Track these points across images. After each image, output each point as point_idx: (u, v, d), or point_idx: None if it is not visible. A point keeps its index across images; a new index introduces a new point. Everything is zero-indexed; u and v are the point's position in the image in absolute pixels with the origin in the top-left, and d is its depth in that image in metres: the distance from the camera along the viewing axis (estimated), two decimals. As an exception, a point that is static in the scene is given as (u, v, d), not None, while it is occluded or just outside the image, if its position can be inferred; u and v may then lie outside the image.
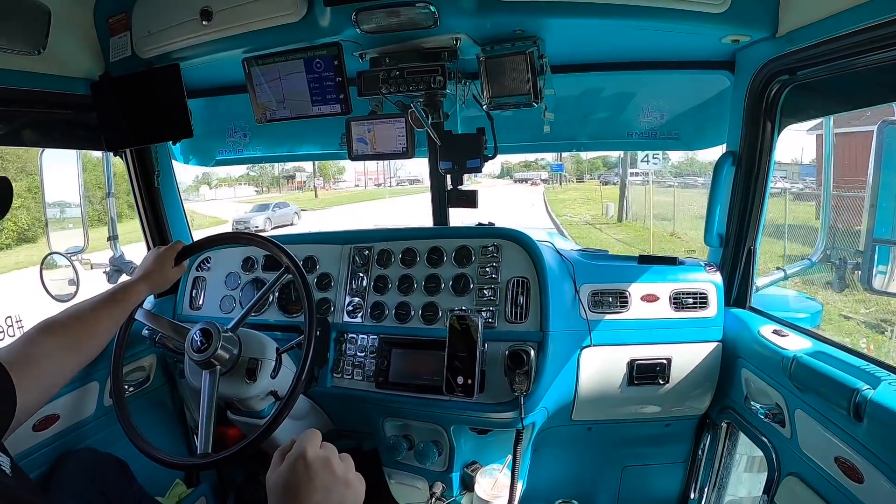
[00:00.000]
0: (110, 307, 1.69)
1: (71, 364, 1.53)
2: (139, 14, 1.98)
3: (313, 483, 0.92)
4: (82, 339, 1.56)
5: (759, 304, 2.15)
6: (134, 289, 1.79)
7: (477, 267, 2.04)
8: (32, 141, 2.12)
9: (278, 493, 0.93)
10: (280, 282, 1.88)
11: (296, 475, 0.93)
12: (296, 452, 0.95)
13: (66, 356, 1.50)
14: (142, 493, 1.89)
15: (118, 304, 1.72)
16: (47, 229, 2.43)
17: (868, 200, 1.76)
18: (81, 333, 1.56)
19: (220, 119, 2.77)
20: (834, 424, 1.48)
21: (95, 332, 1.61)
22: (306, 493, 0.91)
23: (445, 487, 2.14)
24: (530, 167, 57.54)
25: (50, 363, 1.43)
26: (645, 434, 2.33)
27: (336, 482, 0.94)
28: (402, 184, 55.17)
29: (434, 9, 1.65)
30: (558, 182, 44.89)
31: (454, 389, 1.84)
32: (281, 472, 0.94)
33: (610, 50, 2.17)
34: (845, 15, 1.43)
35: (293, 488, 0.92)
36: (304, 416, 2.17)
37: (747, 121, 1.97)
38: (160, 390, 2.39)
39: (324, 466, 0.94)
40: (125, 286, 1.79)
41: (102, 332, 1.65)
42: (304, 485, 0.92)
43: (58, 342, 1.48)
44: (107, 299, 1.70)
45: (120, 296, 1.75)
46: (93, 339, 1.60)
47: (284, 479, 0.93)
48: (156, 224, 2.52)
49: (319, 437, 1.00)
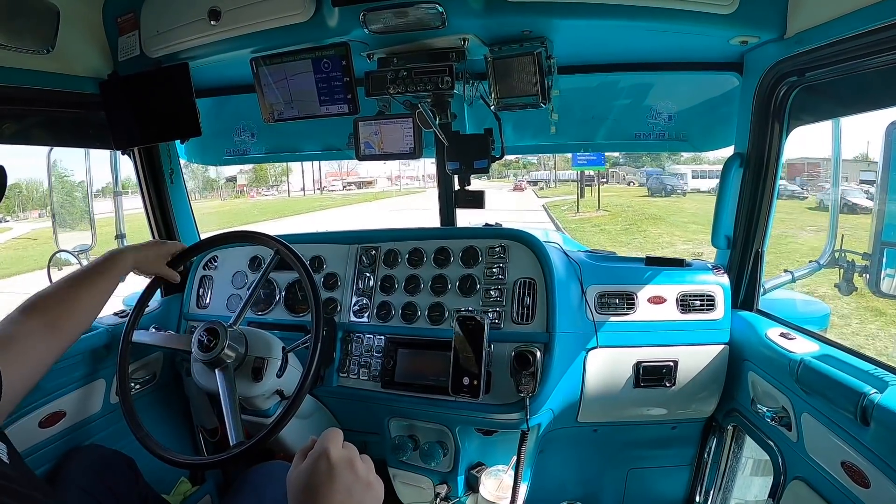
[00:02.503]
0: (92, 279, 1.62)
1: (56, 343, 1.46)
2: (148, 13, 1.99)
3: (335, 483, 0.91)
4: (62, 316, 1.49)
5: (767, 306, 2.15)
6: (119, 257, 1.72)
7: (484, 267, 2.04)
8: (41, 139, 2.13)
9: (299, 491, 0.92)
10: (272, 265, 1.89)
11: (318, 474, 0.92)
12: (318, 451, 0.94)
13: (49, 335, 1.44)
14: (148, 490, 1.89)
15: (100, 275, 1.65)
16: (55, 227, 2.44)
17: (876, 204, 1.75)
18: (62, 311, 1.50)
19: (228, 118, 2.78)
20: (840, 428, 1.47)
21: (75, 308, 1.54)
22: (328, 493, 0.91)
23: (450, 488, 2.13)
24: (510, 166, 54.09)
25: (33, 343, 1.38)
26: (651, 436, 2.33)
27: (358, 483, 0.94)
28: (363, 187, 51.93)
29: (442, 9, 1.65)
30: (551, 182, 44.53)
31: (460, 390, 1.84)
32: (302, 471, 0.94)
33: (618, 51, 2.16)
34: (854, 16, 1.42)
35: (315, 487, 0.91)
36: (310, 416, 2.17)
37: (755, 122, 1.96)
38: (166, 388, 2.40)
39: (347, 467, 0.94)
40: (109, 255, 1.71)
41: (84, 307, 1.57)
42: (326, 484, 0.91)
43: (40, 321, 1.43)
44: (89, 271, 1.64)
45: (101, 267, 1.67)
46: (73, 315, 1.53)
47: (306, 477, 0.92)
48: (164, 223, 2.53)
49: (342, 436, 0.99)
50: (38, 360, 1.39)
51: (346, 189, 52.50)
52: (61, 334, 1.48)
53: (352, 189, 52.54)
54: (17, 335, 1.37)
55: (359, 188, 52.92)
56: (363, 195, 41.15)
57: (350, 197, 45.27)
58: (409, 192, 48.96)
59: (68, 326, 1.51)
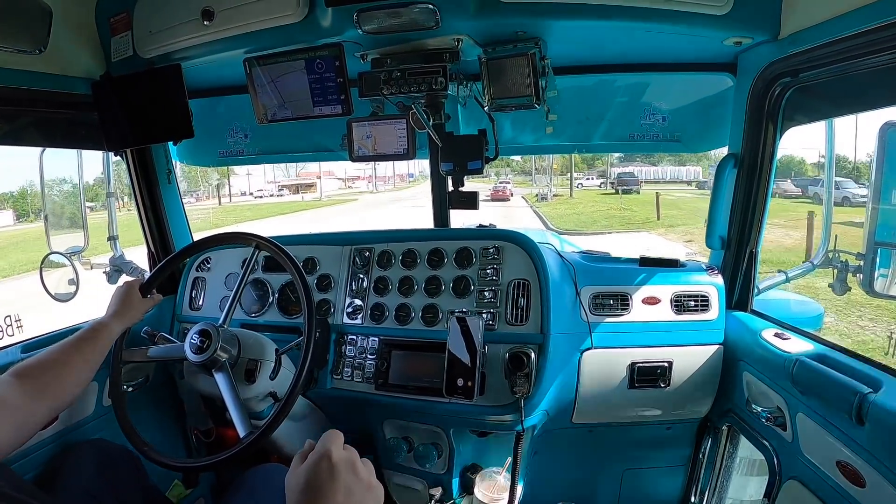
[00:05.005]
0: (81, 349, 1.65)
1: (42, 409, 1.48)
2: (140, 14, 1.98)
3: (336, 483, 0.90)
4: (52, 384, 1.52)
5: (761, 307, 2.15)
6: (106, 328, 1.76)
7: (478, 269, 2.04)
8: (33, 140, 2.11)
9: (299, 491, 0.91)
10: (251, 265, 1.89)
11: (319, 475, 0.91)
12: (319, 452, 0.94)
13: (37, 402, 1.46)
14: (153, 490, 1.87)
15: (89, 344, 1.68)
16: (47, 229, 2.42)
17: (870, 203, 1.76)
18: (52, 378, 1.53)
19: (221, 119, 2.76)
20: (836, 428, 1.47)
21: (66, 375, 1.57)
22: (329, 493, 0.90)
23: (445, 490, 2.13)
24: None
25: (20, 409, 1.39)
26: (646, 437, 2.33)
27: (359, 484, 0.93)
28: (300, 192, 46.39)
29: (435, 9, 1.64)
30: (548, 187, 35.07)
31: (454, 391, 1.84)
32: (302, 472, 0.93)
33: (612, 52, 2.16)
34: (848, 17, 1.42)
35: (315, 488, 0.90)
36: (304, 418, 2.16)
37: (749, 123, 1.96)
38: (159, 390, 2.38)
39: (348, 468, 0.93)
40: (96, 326, 1.75)
41: (75, 375, 1.60)
42: (327, 484, 0.90)
43: (28, 387, 1.45)
44: (78, 341, 1.67)
45: (90, 336, 1.70)
46: (64, 383, 1.55)
47: (306, 478, 0.92)
48: (157, 224, 2.52)
49: (342, 438, 0.99)
50: (24, 423, 1.41)
51: (274, 195, 47.93)
52: (50, 399, 1.50)
53: (283, 193, 48.35)
54: (5, 400, 1.39)
55: (295, 192, 48.82)
56: (289, 205, 36.67)
57: (280, 204, 39.47)
58: (335, 202, 41.45)
59: (58, 392, 1.53)
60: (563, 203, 31.43)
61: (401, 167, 59.30)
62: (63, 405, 1.57)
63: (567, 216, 25.00)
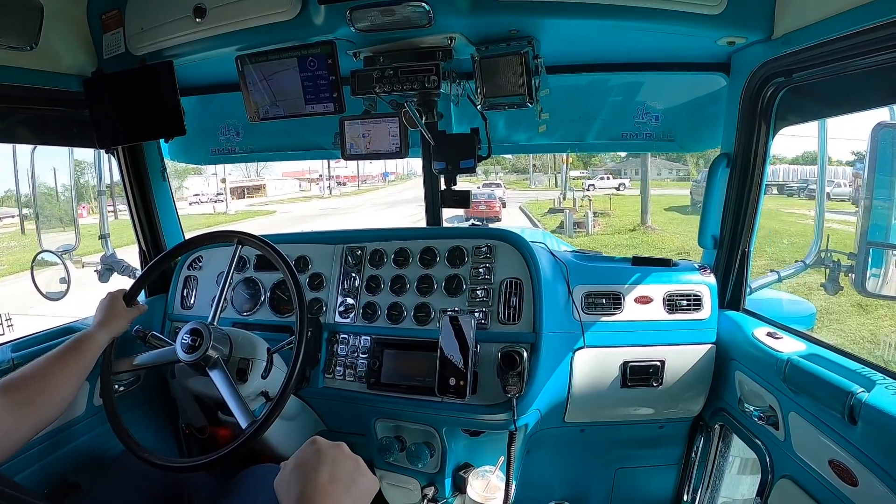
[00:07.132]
0: (66, 361, 1.65)
1: (27, 423, 1.47)
2: (132, 11, 1.96)
3: (323, 456, 0.96)
4: (37, 396, 1.52)
5: (753, 306, 2.15)
6: (92, 338, 1.75)
7: (470, 268, 2.04)
8: (24, 138, 2.11)
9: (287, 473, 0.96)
10: (238, 253, 1.90)
11: (306, 455, 0.97)
12: (306, 443, 1.00)
13: (22, 414, 1.46)
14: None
15: (74, 355, 1.68)
16: (38, 227, 2.41)
17: (862, 203, 1.76)
18: (37, 391, 1.52)
19: (213, 117, 2.75)
20: (828, 427, 1.48)
21: (52, 387, 1.57)
22: (317, 465, 0.95)
23: (437, 489, 2.13)
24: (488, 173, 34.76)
25: (3, 422, 1.39)
26: (638, 436, 2.33)
27: (347, 460, 0.98)
28: (246, 195, 42.57)
29: (429, 8, 1.64)
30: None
31: (446, 391, 1.84)
32: (290, 460, 0.98)
33: (605, 51, 2.16)
34: (841, 18, 1.43)
35: (302, 466, 0.95)
36: (296, 417, 2.16)
37: (742, 123, 1.97)
38: (151, 390, 2.37)
39: (334, 447, 0.99)
40: (81, 337, 1.74)
41: (61, 387, 1.60)
42: (314, 458, 0.96)
43: (13, 399, 1.45)
44: (62, 354, 1.66)
45: (76, 347, 1.70)
46: (50, 394, 1.56)
47: (294, 461, 0.97)
48: (148, 223, 2.50)
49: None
50: (12, 437, 1.41)
51: (214, 198, 42.33)
52: (36, 412, 1.50)
53: (221, 198, 41.60)
54: None
55: (241, 197, 45.88)
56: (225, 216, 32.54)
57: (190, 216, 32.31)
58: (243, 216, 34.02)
59: (43, 406, 1.53)
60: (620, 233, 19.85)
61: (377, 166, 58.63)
62: (49, 418, 1.56)
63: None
